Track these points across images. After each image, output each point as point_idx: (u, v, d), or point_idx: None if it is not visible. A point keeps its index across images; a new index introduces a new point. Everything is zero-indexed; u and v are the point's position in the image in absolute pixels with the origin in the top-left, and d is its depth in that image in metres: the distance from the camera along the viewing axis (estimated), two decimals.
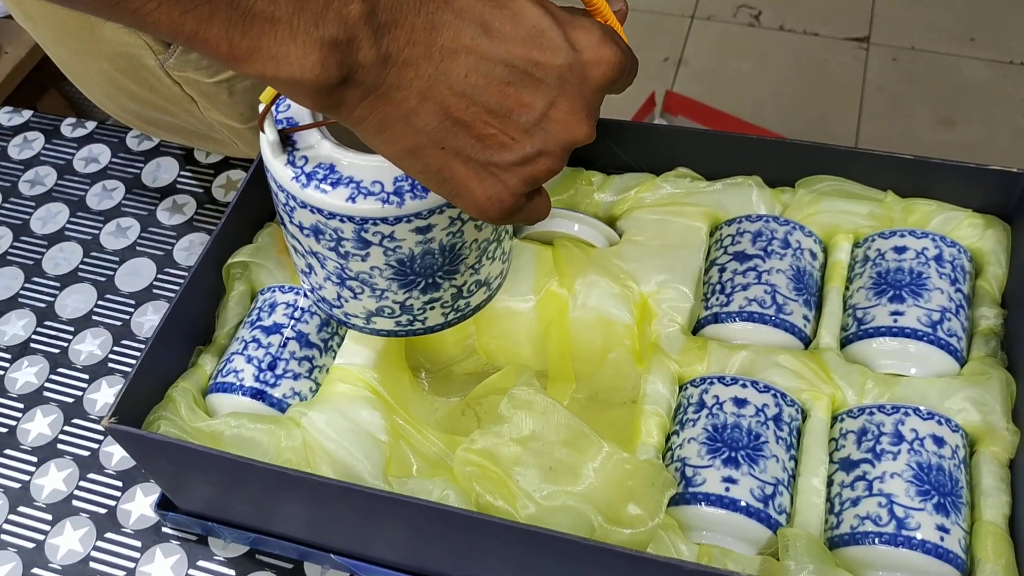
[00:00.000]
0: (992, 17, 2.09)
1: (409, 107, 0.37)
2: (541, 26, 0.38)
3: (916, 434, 0.51)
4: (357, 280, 0.52)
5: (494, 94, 0.38)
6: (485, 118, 0.38)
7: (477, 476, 0.53)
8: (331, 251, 0.50)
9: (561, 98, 0.39)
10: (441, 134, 0.38)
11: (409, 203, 0.47)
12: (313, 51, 0.34)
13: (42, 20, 0.70)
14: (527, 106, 0.38)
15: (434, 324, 0.55)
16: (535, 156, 0.39)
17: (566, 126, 0.39)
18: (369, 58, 0.35)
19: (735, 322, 0.59)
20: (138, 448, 0.55)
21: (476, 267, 0.53)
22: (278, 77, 0.35)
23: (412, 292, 0.52)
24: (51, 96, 1.63)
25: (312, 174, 0.48)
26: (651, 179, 0.66)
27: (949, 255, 0.58)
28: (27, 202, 0.84)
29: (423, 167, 0.39)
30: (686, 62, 2.06)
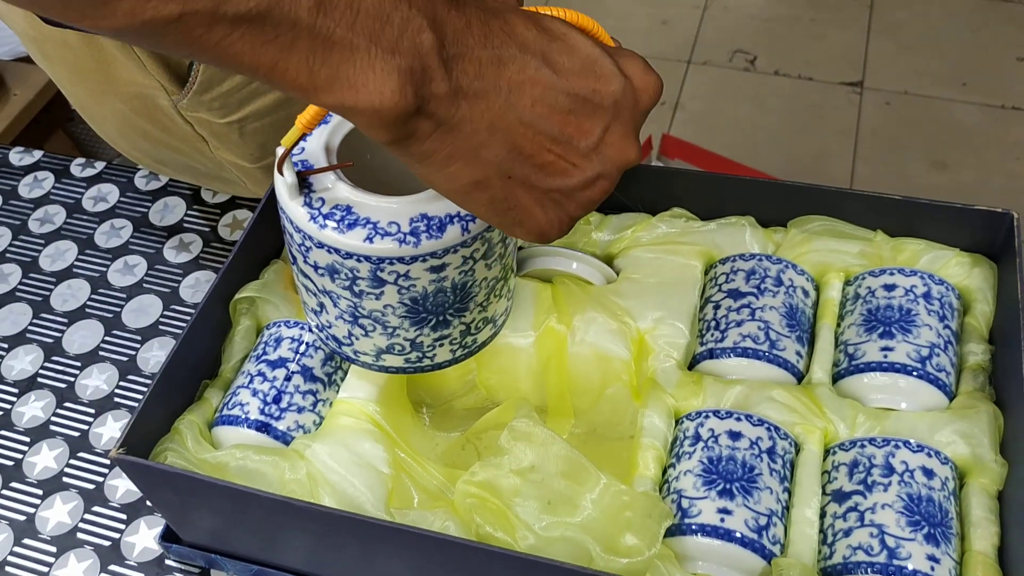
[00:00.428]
0: (983, 62, 2.12)
1: (479, 140, 0.39)
2: (594, 56, 0.40)
3: (906, 466, 0.53)
4: (370, 318, 0.53)
5: (557, 123, 0.40)
6: (548, 146, 0.40)
7: (477, 507, 0.54)
8: (345, 290, 0.52)
9: (615, 123, 0.41)
10: (508, 164, 0.40)
11: (425, 243, 0.49)
12: (391, 79, 0.35)
13: (59, 61, 0.72)
14: (586, 132, 0.41)
15: (442, 361, 0.56)
16: (594, 180, 0.42)
17: (620, 149, 0.42)
18: (441, 89, 0.37)
19: (730, 358, 0.60)
20: (144, 479, 0.56)
21: (484, 304, 0.55)
22: (357, 106, 0.35)
23: (423, 329, 0.54)
24: (58, 137, 1.66)
25: (329, 215, 0.50)
26: (647, 219, 0.68)
27: (937, 292, 0.60)
28: (36, 240, 0.85)
29: (489, 199, 0.41)
30: (682, 106, 2.09)
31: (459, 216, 0.49)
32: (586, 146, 0.41)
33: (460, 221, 0.49)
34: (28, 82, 1.57)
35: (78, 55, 0.70)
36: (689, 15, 2.29)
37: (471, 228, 0.50)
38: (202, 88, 0.69)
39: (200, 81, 0.68)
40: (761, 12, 2.29)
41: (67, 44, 0.69)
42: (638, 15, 2.29)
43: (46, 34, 0.69)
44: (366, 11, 0.34)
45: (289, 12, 0.33)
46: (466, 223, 0.49)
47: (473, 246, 0.50)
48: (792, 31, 2.23)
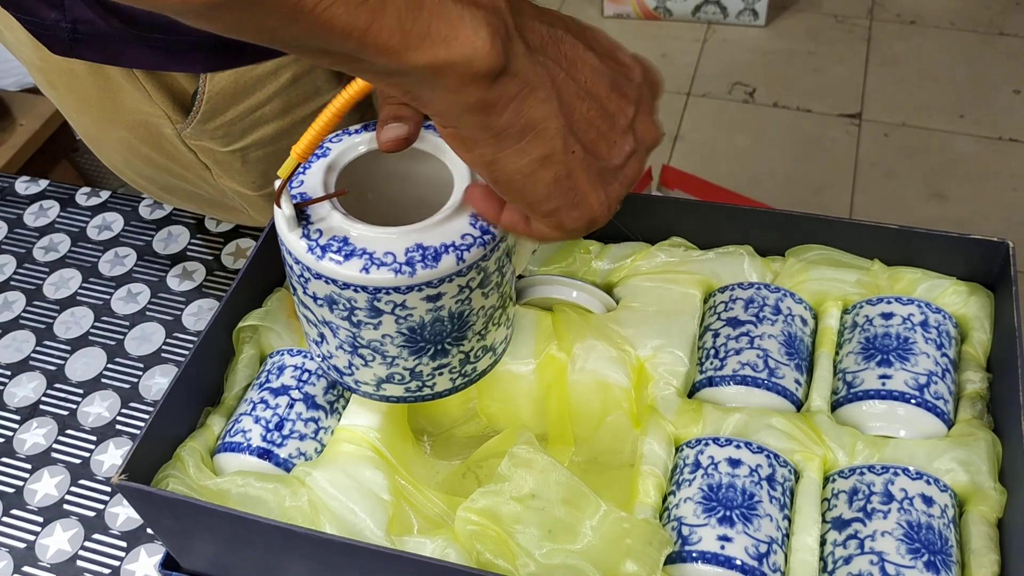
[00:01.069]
0: (980, 95, 2.14)
1: (551, 108, 0.40)
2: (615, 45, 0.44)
3: (906, 494, 0.53)
4: (369, 348, 0.53)
5: (604, 99, 0.42)
6: (598, 121, 0.42)
7: (478, 534, 0.54)
8: (344, 320, 0.52)
9: (642, 104, 0.44)
10: (570, 137, 0.41)
11: (420, 272, 0.49)
12: (482, 30, 0.36)
13: (65, 90, 0.73)
14: (624, 110, 0.43)
15: (442, 389, 0.57)
16: (630, 155, 0.44)
17: (647, 128, 0.45)
18: (520, 49, 0.38)
19: (729, 385, 0.60)
20: (146, 505, 0.56)
21: (483, 333, 0.55)
22: (451, 59, 0.36)
23: (422, 359, 0.54)
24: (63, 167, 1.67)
25: (327, 246, 0.50)
26: (646, 248, 0.68)
27: (935, 321, 0.60)
28: (41, 268, 0.86)
29: (554, 176, 0.42)
30: (682, 138, 2.11)
31: (454, 246, 0.50)
32: (624, 123, 0.43)
33: (455, 251, 0.50)
34: (34, 112, 1.59)
35: (84, 84, 0.71)
36: (688, 48, 2.31)
37: (466, 257, 0.50)
38: (205, 117, 0.70)
39: (204, 110, 0.69)
40: (760, 45, 2.31)
41: (73, 73, 0.70)
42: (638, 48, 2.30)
43: (52, 63, 0.70)
44: None
45: None
46: (461, 252, 0.50)
47: (469, 275, 0.51)
48: (791, 64, 2.26)
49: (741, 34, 2.34)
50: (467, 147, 0.41)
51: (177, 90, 0.69)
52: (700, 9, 2.34)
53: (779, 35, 2.33)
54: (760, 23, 2.33)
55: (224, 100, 0.69)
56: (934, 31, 2.31)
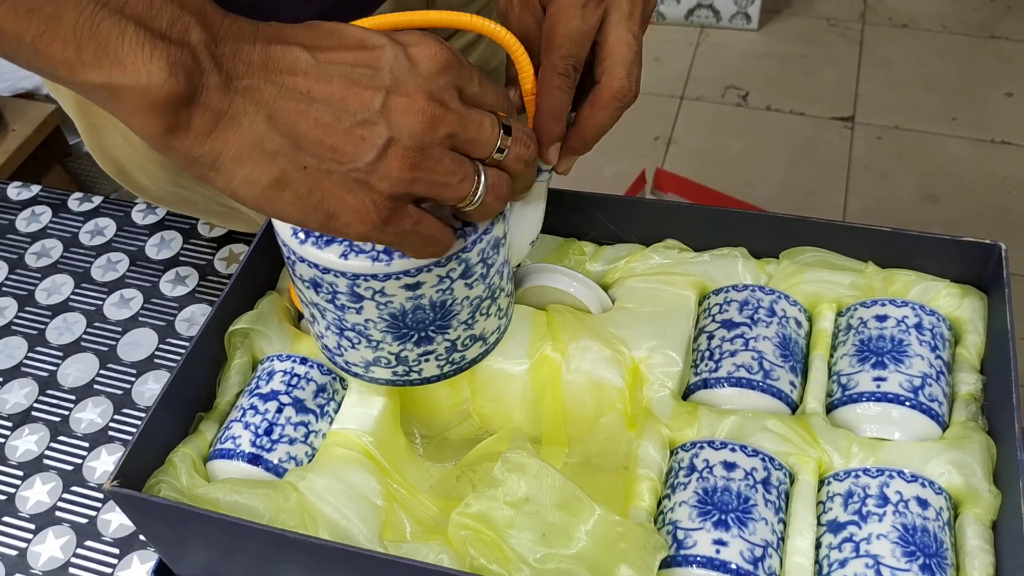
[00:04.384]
0: (972, 98, 2.15)
1: (259, 131, 0.39)
2: (363, 36, 0.42)
3: (901, 496, 0.53)
4: (354, 331, 0.54)
5: (336, 101, 0.40)
6: (334, 124, 0.40)
7: (472, 540, 0.54)
8: (329, 303, 0.53)
9: (397, 87, 0.41)
10: (298, 153, 0.40)
11: (397, 261, 0.50)
12: (161, 60, 0.36)
13: (66, 95, 0.73)
14: (367, 101, 0.41)
15: (430, 375, 0.57)
16: (386, 146, 0.41)
17: (408, 112, 0.41)
18: (212, 81, 0.38)
19: (724, 387, 0.60)
20: (138, 512, 0.56)
21: (470, 323, 0.56)
22: (125, 83, 0.36)
23: (406, 344, 0.55)
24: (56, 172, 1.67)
25: (310, 231, 0.51)
26: (641, 250, 0.68)
27: (929, 323, 0.60)
28: (33, 274, 0.86)
29: (294, 197, 0.41)
30: (676, 141, 2.11)
31: None
32: (371, 113, 0.41)
33: None
34: (26, 118, 1.59)
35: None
36: (682, 52, 2.32)
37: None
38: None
39: None
40: (753, 48, 2.32)
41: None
42: None
43: None
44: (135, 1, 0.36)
45: None
46: None
47: (448, 266, 0.51)
48: (784, 67, 2.26)
49: (734, 38, 2.34)
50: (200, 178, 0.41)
51: None
52: (693, 13, 2.34)
53: (772, 39, 2.34)
54: (753, 27, 2.34)
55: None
56: (926, 34, 2.32)
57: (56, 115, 1.60)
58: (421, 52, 0.42)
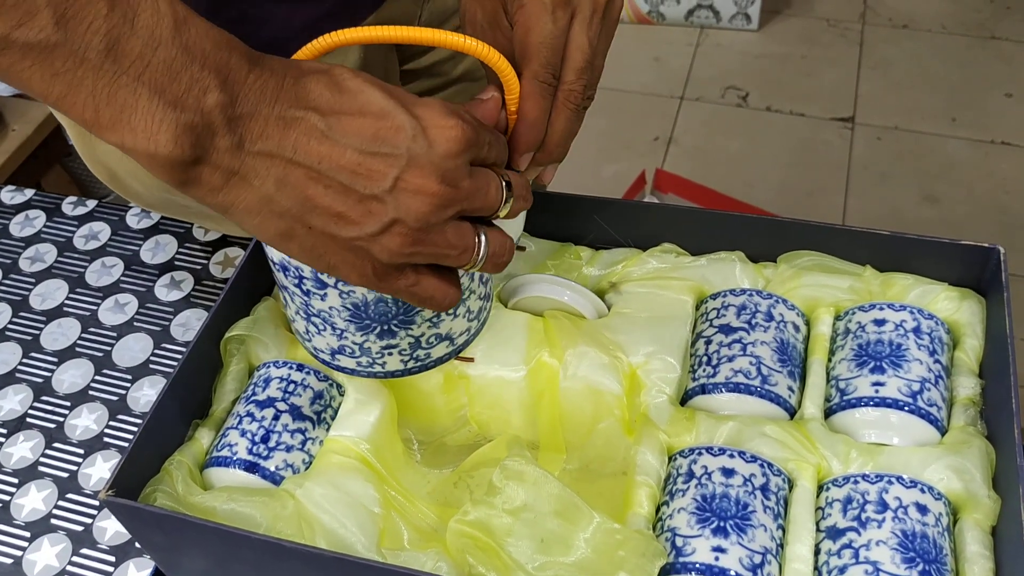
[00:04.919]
0: (972, 98, 2.15)
1: (267, 193, 0.41)
2: (385, 106, 0.42)
3: (900, 502, 0.52)
4: (319, 317, 0.55)
5: (347, 172, 0.41)
6: (341, 197, 0.41)
7: (470, 548, 0.53)
8: (296, 287, 0.54)
9: (410, 168, 0.42)
10: (305, 215, 0.42)
11: None
12: (168, 129, 0.38)
13: None
14: (379, 177, 0.41)
15: (394, 369, 0.58)
16: (390, 224, 0.42)
17: (417, 194, 0.42)
18: (224, 144, 0.39)
19: (722, 393, 0.60)
20: (134, 521, 0.56)
21: (435, 321, 0.56)
22: (135, 148, 0.38)
23: (369, 336, 0.55)
24: (55, 172, 1.67)
25: None
26: (638, 254, 0.68)
27: (927, 327, 0.60)
28: (27, 279, 0.85)
29: (299, 247, 0.43)
30: (676, 141, 2.11)
31: None
32: (381, 190, 0.42)
33: None
34: (26, 117, 1.59)
35: None
36: (682, 52, 2.31)
37: None
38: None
39: None
40: (753, 49, 2.31)
41: None
42: (631, 52, 2.31)
43: None
44: (156, 65, 0.37)
45: (79, 50, 0.36)
46: None
47: None
48: (784, 68, 2.26)
49: (734, 38, 2.34)
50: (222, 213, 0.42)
51: None
52: (693, 13, 2.34)
53: (772, 39, 2.33)
54: (753, 27, 2.33)
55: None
56: (926, 35, 2.32)
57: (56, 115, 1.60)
58: (440, 133, 0.42)
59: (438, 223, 0.43)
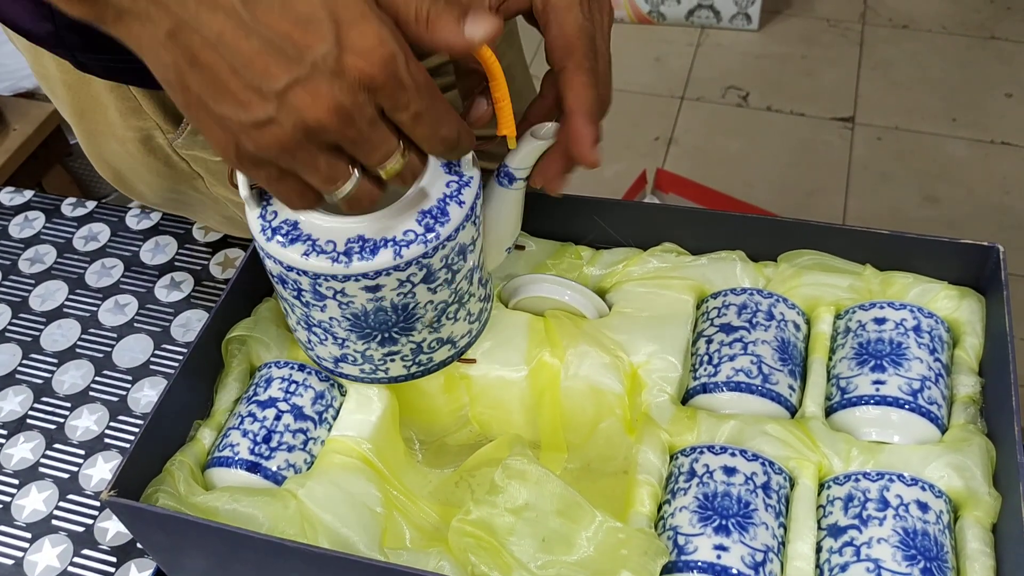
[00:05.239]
0: (972, 98, 2.15)
1: (157, 40, 0.41)
2: (314, 14, 0.40)
3: (901, 500, 0.52)
4: (320, 328, 0.55)
5: (243, 57, 0.40)
6: (228, 75, 0.41)
7: (472, 547, 0.53)
8: (295, 299, 0.54)
9: (309, 81, 0.41)
10: (186, 76, 0.41)
11: (356, 264, 0.51)
12: None
13: (63, 101, 0.73)
14: (271, 76, 0.40)
15: (397, 375, 0.58)
16: (266, 122, 0.41)
17: (303, 106, 0.41)
18: None
19: (723, 392, 0.60)
20: (136, 521, 0.56)
21: (435, 326, 0.56)
22: None
23: (370, 344, 0.55)
24: (56, 172, 1.67)
25: (277, 228, 0.53)
26: (638, 254, 0.68)
27: (927, 326, 0.60)
28: (27, 280, 0.85)
29: (179, 99, 0.43)
30: (676, 141, 2.11)
31: (394, 241, 0.51)
32: (268, 89, 0.41)
33: (394, 246, 0.51)
34: (27, 117, 1.59)
35: (78, 95, 0.70)
36: (682, 52, 2.32)
37: (404, 254, 0.51)
38: (195, 129, 0.70)
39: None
40: (753, 49, 2.31)
41: (68, 86, 0.70)
42: (632, 52, 2.31)
43: (52, 74, 0.70)
44: None
45: None
46: (399, 248, 0.51)
47: (408, 271, 0.52)
48: (784, 68, 2.26)
49: (734, 38, 2.34)
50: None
51: (168, 102, 0.69)
52: (693, 13, 2.34)
53: (772, 39, 2.33)
54: (753, 27, 2.34)
55: None
56: (926, 35, 2.32)
57: (57, 115, 1.60)
58: (355, 64, 0.41)
59: (313, 146, 0.42)
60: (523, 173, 0.57)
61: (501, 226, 0.59)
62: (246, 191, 0.53)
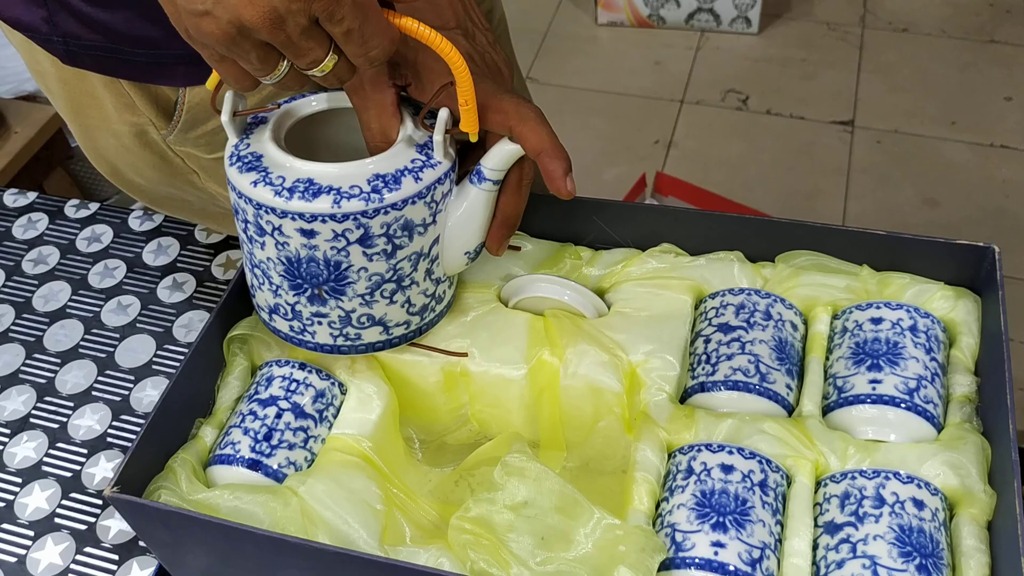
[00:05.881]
0: (971, 102, 2.15)
1: None
2: None
3: (897, 497, 0.53)
4: (259, 269, 0.58)
5: None
6: None
7: (471, 543, 0.54)
8: (243, 232, 0.57)
9: None
10: None
11: (296, 202, 0.53)
12: None
13: (59, 96, 0.73)
14: None
15: (323, 343, 0.60)
16: (203, 13, 0.45)
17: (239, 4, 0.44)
18: None
19: (721, 391, 0.60)
20: (138, 517, 0.56)
21: (367, 300, 0.57)
22: None
23: (300, 298, 0.57)
24: (58, 175, 1.68)
25: (242, 157, 0.56)
26: (637, 254, 0.68)
27: (923, 325, 0.60)
28: (30, 281, 0.86)
29: None
30: (676, 144, 2.11)
31: (336, 190, 0.53)
32: None
33: (335, 194, 0.53)
34: (29, 120, 1.59)
35: (74, 90, 0.71)
36: (682, 56, 2.32)
37: (343, 205, 0.53)
38: (186, 126, 0.70)
39: (184, 120, 0.70)
40: (753, 53, 2.32)
41: (63, 81, 0.70)
42: (632, 56, 2.32)
43: (47, 70, 0.70)
44: None
45: None
46: (339, 198, 0.53)
47: (344, 224, 0.53)
48: (784, 71, 2.26)
49: (734, 42, 2.35)
50: None
51: (161, 98, 0.69)
52: (693, 17, 2.34)
53: (772, 43, 2.34)
54: (753, 31, 2.34)
55: (204, 112, 0.69)
56: (925, 39, 2.32)
57: (59, 118, 1.61)
58: None
59: (246, 41, 0.45)
60: (493, 175, 0.58)
61: (463, 227, 0.59)
62: (227, 117, 0.55)
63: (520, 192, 0.60)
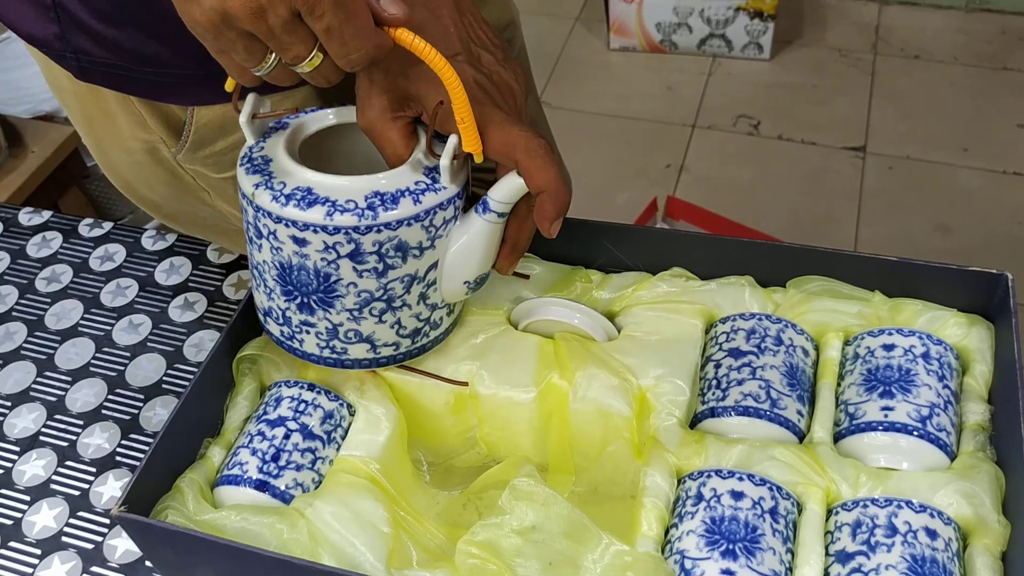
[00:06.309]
0: (984, 129, 2.15)
1: None
2: None
3: (909, 526, 0.52)
4: (257, 270, 0.58)
5: None
6: None
7: (478, 568, 0.53)
8: (247, 231, 0.57)
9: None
10: None
11: (290, 210, 0.54)
12: None
13: (74, 110, 0.74)
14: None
15: (310, 352, 0.60)
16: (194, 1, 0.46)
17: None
18: None
19: (731, 416, 0.60)
20: (145, 537, 0.56)
21: (355, 315, 0.58)
22: None
23: (290, 305, 0.58)
24: (73, 194, 1.69)
25: (253, 159, 0.57)
26: (648, 278, 0.68)
27: (936, 353, 0.60)
28: (43, 299, 0.86)
29: None
30: (687, 169, 2.11)
31: (331, 202, 0.54)
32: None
33: (330, 206, 0.54)
34: (46, 139, 1.61)
35: (87, 105, 0.72)
36: (694, 81, 2.33)
37: (335, 219, 0.54)
38: (194, 146, 0.71)
39: (191, 140, 0.70)
40: (765, 78, 2.32)
41: (78, 96, 0.71)
42: (644, 80, 2.32)
43: (64, 85, 0.71)
44: None
45: None
46: (332, 211, 0.54)
47: (335, 237, 0.54)
48: (795, 97, 2.27)
49: (746, 67, 2.35)
50: None
51: (171, 116, 0.70)
52: (705, 42, 2.35)
53: (784, 69, 2.34)
54: (765, 57, 2.35)
55: (211, 132, 0.70)
56: (938, 65, 2.32)
57: (75, 137, 1.62)
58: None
59: (232, 31, 0.47)
60: (499, 207, 0.58)
61: (464, 255, 0.59)
62: (245, 118, 0.57)
63: (530, 219, 0.60)
